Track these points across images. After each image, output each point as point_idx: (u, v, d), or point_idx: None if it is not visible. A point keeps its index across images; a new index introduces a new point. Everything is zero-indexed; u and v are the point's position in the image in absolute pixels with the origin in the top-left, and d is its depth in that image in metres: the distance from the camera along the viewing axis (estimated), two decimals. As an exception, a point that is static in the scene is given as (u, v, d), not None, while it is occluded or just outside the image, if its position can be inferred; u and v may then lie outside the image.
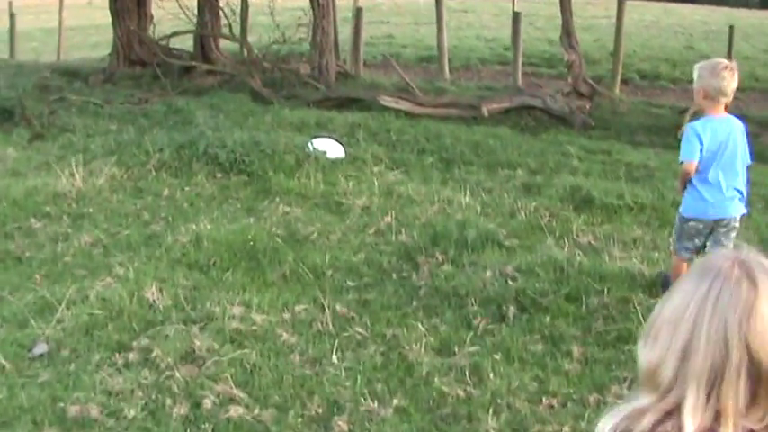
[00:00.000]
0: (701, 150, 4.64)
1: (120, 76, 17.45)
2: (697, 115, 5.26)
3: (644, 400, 1.50)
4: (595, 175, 9.35)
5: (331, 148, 9.74)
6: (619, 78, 15.48)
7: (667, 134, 12.37)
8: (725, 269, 1.46)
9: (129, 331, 5.12)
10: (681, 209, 5.15)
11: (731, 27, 16.04)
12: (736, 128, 4.76)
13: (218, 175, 8.71)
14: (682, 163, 4.79)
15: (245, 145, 8.95)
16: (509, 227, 7.14)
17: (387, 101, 13.48)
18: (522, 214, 7.55)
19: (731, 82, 4.50)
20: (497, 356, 4.91)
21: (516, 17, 15.32)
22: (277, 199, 8.03)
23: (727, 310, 1.43)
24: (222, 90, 15.39)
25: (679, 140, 5.01)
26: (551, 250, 6.36)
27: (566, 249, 6.48)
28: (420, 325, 5.26)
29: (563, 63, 20.79)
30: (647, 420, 1.45)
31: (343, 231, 7.13)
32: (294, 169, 8.76)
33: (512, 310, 5.38)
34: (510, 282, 5.77)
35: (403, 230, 7.05)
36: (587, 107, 13.02)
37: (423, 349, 4.96)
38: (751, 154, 5.13)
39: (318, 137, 10.35)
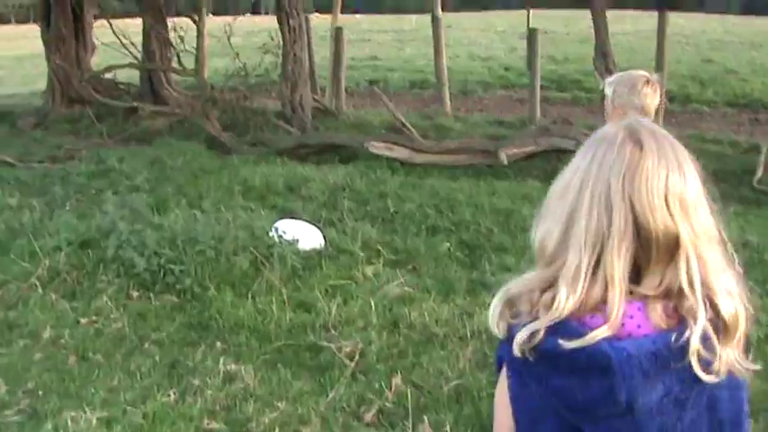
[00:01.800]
0: None
1: (55, 119, 14.52)
2: None
3: (531, 273, 1.43)
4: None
5: (304, 235, 6.83)
6: (663, 106, 12.61)
7: (739, 182, 9.51)
8: (610, 135, 1.42)
9: None
10: None
11: None
12: None
13: (134, 294, 5.79)
14: None
15: (178, 242, 6.02)
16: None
17: (377, 147, 10.60)
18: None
19: (654, 98, 3.83)
20: None
21: (533, 35, 12.41)
22: (218, 344, 5.11)
23: (611, 172, 1.37)
24: (173, 135, 12.48)
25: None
26: None
27: None
28: None
29: (576, 85, 18.19)
30: (524, 285, 1.41)
31: (322, 419, 4.20)
32: (248, 282, 5.87)
33: None
34: None
35: (420, 399, 4.15)
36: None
37: None
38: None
39: (288, 217, 7.44)
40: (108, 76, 15.49)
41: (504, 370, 1.45)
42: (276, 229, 6.75)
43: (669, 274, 1.38)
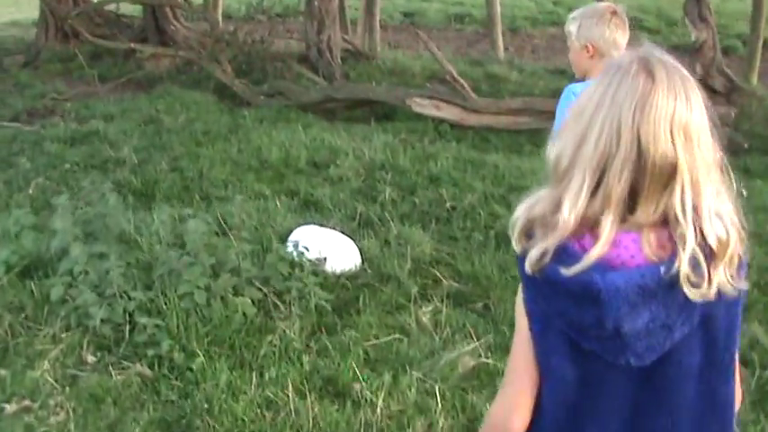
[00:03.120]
0: None
1: (47, 58, 12.62)
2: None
3: (545, 190, 1.53)
4: None
5: (334, 251, 4.99)
6: (757, 64, 10.50)
7: None
8: (625, 64, 1.49)
9: None
10: None
11: None
12: None
13: (89, 358, 3.99)
14: None
15: (155, 277, 4.21)
16: None
17: (422, 106, 8.65)
18: None
19: (625, 31, 3.44)
20: None
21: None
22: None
23: (623, 101, 1.46)
24: (178, 81, 10.59)
25: None
26: None
27: None
28: None
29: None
30: (540, 207, 1.50)
31: None
32: (254, 343, 4.05)
33: None
34: None
35: None
36: (732, 114, 8.09)
37: None
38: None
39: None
40: (109, 8, 13.57)
41: (522, 282, 1.56)
42: (296, 245, 4.90)
43: (664, 201, 1.46)
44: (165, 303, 4.12)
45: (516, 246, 1.55)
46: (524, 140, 8.10)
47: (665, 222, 1.47)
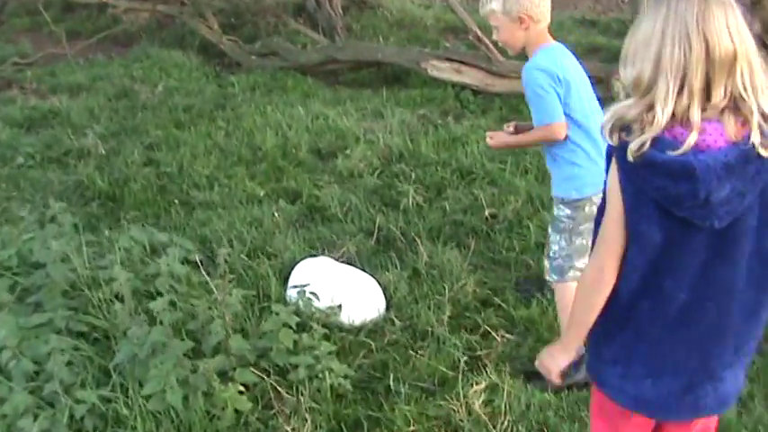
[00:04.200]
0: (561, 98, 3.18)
1: (14, 10, 11.26)
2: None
3: (631, 100, 1.88)
4: None
5: (350, 293, 3.84)
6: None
7: None
8: None
9: None
10: (565, 192, 3.29)
11: None
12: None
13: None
14: (548, 125, 3.18)
15: (114, 375, 3.06)
16: None
17: (439, 69, 7.39)
18: None
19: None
20: None
21: None
22: None
23: (686, 14, 1.82)
24: (158, 39, 9.30)
25: None
26: None
27: None
28: None
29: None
30: (634, 111, 1.85)
31: None
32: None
33: None
34: None
35: None
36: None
37: None
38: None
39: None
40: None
41: (615, 167, 1.90)
42: (302, 292, 3.74)
43: (731, 83, 1.82)
44: (127, 405, 2.98)
45: (612, 140, 1.88)
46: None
47: (737, 109, 1.83)
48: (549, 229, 3.42)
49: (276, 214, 4.86)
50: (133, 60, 8.43)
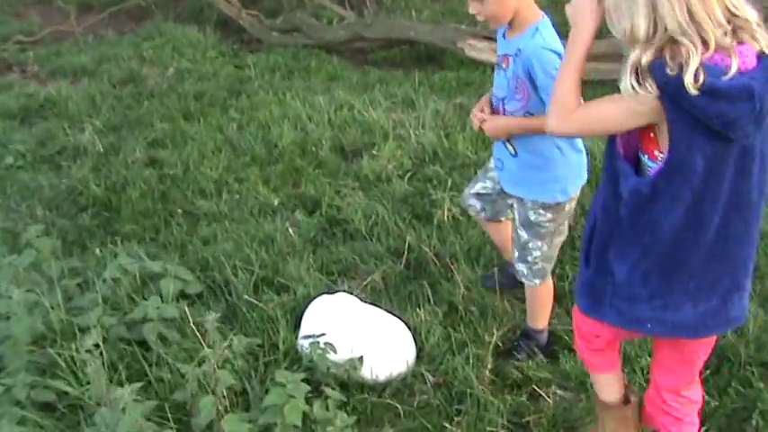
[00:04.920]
0: None
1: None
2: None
3: (636, 50, 1.90)
4: None
5: (374, 343, 3.19)
6: None
7: None
8: None
9: None
10: (549, 196, 2.98)
11: None
12: None
13: None
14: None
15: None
16: None
17: (478, 50, 6.70)
18: None
19: None
20: None
21: None
22: None
23: None
24: (173, 14, 8.64)
25: None
26: None
27: None
28: None
29: None
30: (647, 56, 1.87)
31: None
32: None
33: None
34: None
35: None
36: None
37: None
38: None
39: (329, 291, 3.82)
40: None
41: (656, 107, 1.92)
42: (315, 345, 3.11)
43: (721, 5, 1.87)
44: None
45: (646, 87, 1.90)
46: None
47: (739, 27, 1.89)
48: (524, 234, 3.06)
49: (291, 231, 4.22)
50: (144, 38, 7.78)
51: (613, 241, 2.16)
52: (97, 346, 2.87)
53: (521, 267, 3.15)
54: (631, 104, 1.94)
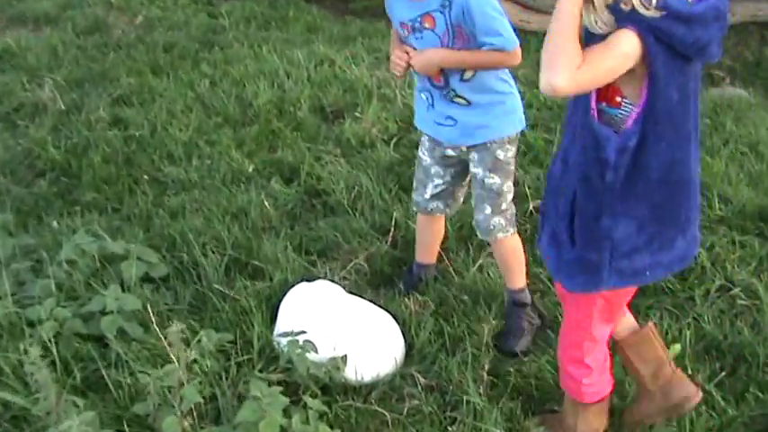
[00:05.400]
0: None
1: None
2: None
3: None
4: None
5: (357, 340, 2.89)
6: None
7: None
8: None
9: None
10: (512, 127, 2.94)
11: None
12: None
13: None
14: (515, 50, 2.74)
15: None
16: None
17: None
18: None
19: None
20: None
21: None
22: None
23: None
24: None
25: None
26: None
27: None
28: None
29: None
30: None
31: None
32: None
33: None
34: None
35: None
36: None
37: None
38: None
39: (308, 279, 3.48)
40: None
41: (634, 37, 1.88)
42: (293, 342, 2.79)
43: None
44: None
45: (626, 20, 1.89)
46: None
47: None
48: (497, 179, 2.93)
49: (266, 203, 3.87)
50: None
51: (605, 208, 2.09)
52: (47, 349, 2.53)
53: (496, 221, 2.99)
54: (623, 48, 1.90)
